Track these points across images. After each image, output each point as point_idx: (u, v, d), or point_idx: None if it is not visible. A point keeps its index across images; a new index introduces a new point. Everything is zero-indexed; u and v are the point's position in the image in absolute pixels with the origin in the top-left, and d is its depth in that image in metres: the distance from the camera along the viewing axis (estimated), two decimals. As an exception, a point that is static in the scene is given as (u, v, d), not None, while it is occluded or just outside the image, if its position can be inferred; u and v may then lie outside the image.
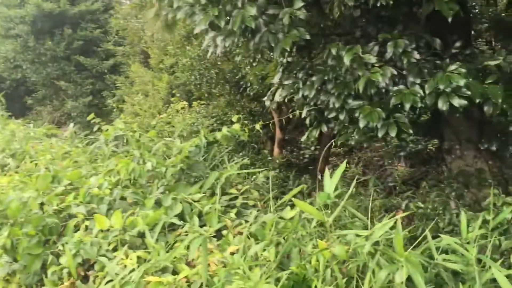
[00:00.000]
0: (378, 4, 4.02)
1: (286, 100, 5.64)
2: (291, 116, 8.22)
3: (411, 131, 4.23)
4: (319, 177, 11.03)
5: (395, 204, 7.91)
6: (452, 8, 3.85)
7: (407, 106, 4.02)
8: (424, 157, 8.71)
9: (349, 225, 3.70)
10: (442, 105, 4.01)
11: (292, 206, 3.67)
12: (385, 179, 10.74)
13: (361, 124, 4.24)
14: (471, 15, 5.59)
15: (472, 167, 5.26)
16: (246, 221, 3.86)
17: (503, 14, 5.23)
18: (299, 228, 3.40)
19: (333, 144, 9.99)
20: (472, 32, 5.76)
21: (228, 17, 4.02)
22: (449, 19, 3.91)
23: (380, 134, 4.24)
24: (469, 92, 4.01)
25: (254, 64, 7.65)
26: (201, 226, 3.78)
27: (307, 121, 5.26)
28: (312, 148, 12.03)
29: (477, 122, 5.24)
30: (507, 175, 5.44)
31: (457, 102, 3.98)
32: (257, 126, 4.90)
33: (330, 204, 3.59)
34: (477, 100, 4.08)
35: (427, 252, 3.26)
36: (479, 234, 3.31)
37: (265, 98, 5.71)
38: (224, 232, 3.66)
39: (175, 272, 3.12)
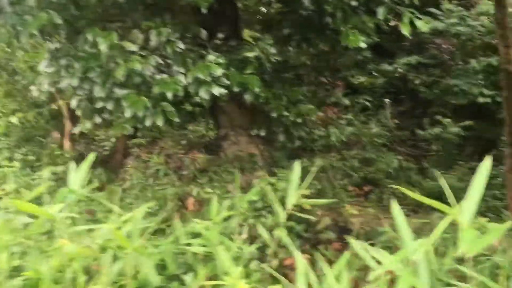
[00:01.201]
0: (139, -9, 3.93)
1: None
2: (57, 108, 7.68)
3: (177, 120, 4.28)
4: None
5: (188, 191, 8.09)
6: (207, 0, 3.98)
7: (169, 95, 4.05)
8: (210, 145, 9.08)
9: (103, 219, 3.57)
10: (203, 93, 4.15)
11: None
12: (187, 168, 10.94)
13: (128, 113, 4.14)
14: (239, 8, 5.90)
15: (245, 152, 5.62)
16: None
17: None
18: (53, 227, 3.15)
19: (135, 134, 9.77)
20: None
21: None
22: (204, 10, 4.02)
23: (147, 123, 4.20)
24: (228, 82, 4.23)
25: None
26: None
27: (79, 112, 4.94)
28: (113, 139, 11.58)
29: (248, 110, 5.59)
30: (276, 158, 5.97)
31: (217, 91, 4.16)
32: (13, 119, 4.40)
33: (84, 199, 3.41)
34: (237, 89, 4.33)
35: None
36: (228, 215, 3.53)
37: (32, 87, 5.18)
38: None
39: None
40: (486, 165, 1.85)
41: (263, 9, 6.02)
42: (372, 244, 5.38)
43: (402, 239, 2.15)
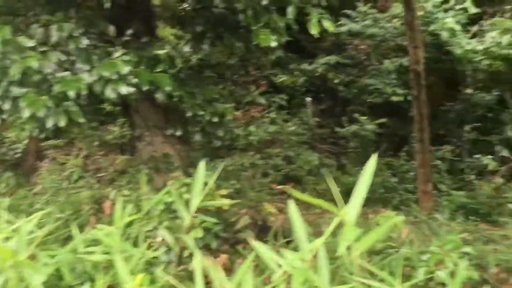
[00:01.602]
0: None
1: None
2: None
3: (82, 120, 4.05)
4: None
5: (105, 194, 7.78)
6: (109, -4, 3.78)
7: (72, 94, 3.81)
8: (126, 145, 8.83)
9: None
10: (110, 92, 3.95)
11: None
12: (105, 170, 10.53)
13: (26, 114, 3.85)
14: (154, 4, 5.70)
15: (161, 153, 5.46)
16: None
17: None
18: None
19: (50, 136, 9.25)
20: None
21: None
22: (108, 5, 3.83)
23: (49, 124, 3.94)
24: (136, 80, 4.06)
25: None
26: None
27: (-26, 113, 4.54)
28: (25, 141, 10.90)
29: (163, 109, 5.43)
30: (193, 158, 5.86)
31: (124, 89, 3.98)
32: None
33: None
34: (146, 88, 4.18)
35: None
36: (132, 219, 3.39)
37: None
38: None
39: None
40: (371, 164, 1.90)
41: (181, 6, 5.86)
42: (289, 242, 5.42)
43: (297, 238, 2.15)
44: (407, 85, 8.40)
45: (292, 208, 2.20)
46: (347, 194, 1.99)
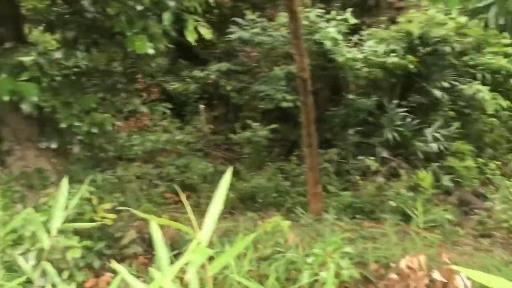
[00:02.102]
0: None
1: None
2: None
3: None
4: None
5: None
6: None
7: None
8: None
9: None
10: (-38, 104, 3.53)
11: None
12: None
13: None
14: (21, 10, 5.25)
15: (34, 168, 5.02)
16: None
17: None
18: None
19: None
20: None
21: None
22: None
23: None
24: (-5, 90, 3.68)
25: None
26: None
27: None
28: None
29: (35, 120, 5.01)
30: (73, 171, 5.48)
31: (-20, 100, 3.58)
32: None
33: None
34: (7, 98, 3.80)
35: None
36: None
37: None
38: None
39: None
40: (225, 180, 1.84)
41: (52, 9, 5.42)
42: (178, 254, 5.25)
43: (158, 261, 2.03)
44: (296, 91, 8.66)
45: (153, 229, 2.09)
46: (242, 200, 1.93)
